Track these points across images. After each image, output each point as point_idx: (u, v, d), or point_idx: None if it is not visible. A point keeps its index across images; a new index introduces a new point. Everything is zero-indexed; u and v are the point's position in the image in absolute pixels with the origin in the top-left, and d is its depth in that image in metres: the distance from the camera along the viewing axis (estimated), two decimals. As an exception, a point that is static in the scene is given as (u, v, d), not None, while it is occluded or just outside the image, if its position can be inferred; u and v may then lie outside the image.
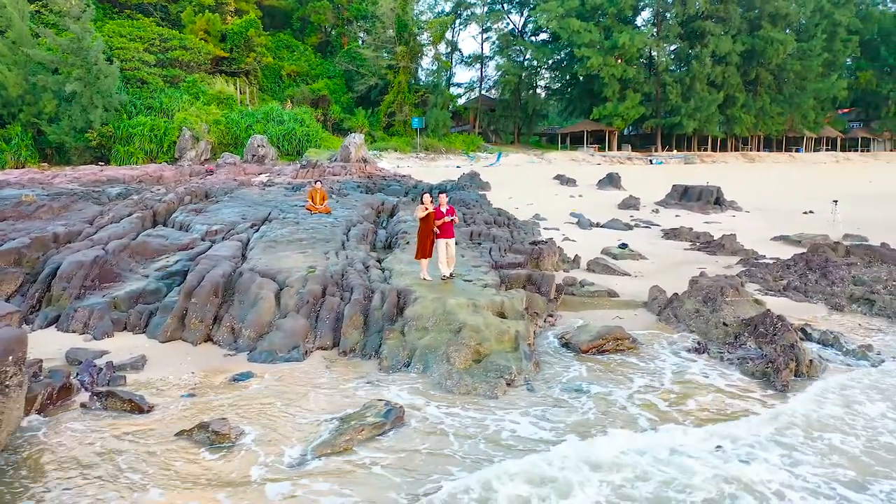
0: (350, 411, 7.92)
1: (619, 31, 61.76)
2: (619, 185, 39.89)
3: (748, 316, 11.12)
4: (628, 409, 8.18)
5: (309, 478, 6.45)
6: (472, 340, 9.46)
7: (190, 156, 41.53)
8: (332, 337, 10.43)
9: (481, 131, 67.66)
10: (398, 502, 6.08)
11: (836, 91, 75.77)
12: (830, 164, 72.22)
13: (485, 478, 6.38)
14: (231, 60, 58.29)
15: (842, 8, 77.02)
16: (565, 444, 7.17)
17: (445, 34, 62.26)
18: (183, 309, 10.75)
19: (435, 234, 12.19)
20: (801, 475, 6.56)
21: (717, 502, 6.03)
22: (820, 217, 29.42)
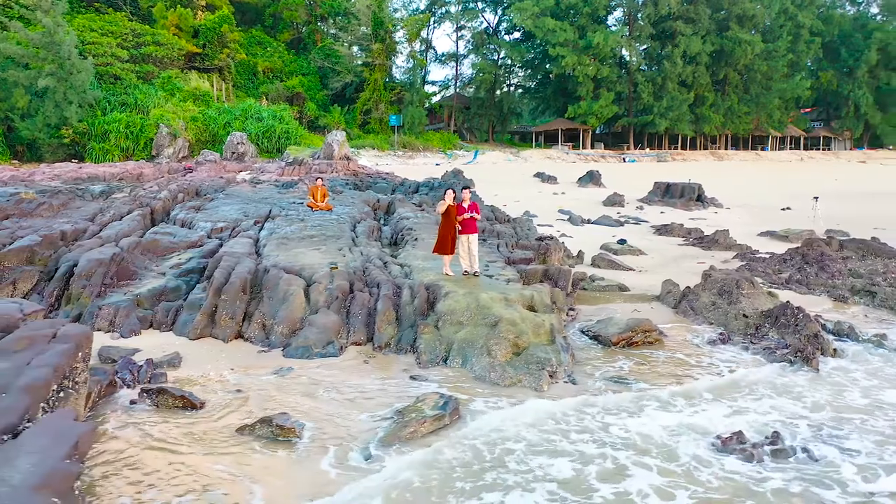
0: (404, 405, 8.00)
1: (592, 30, 62.53)
2: (599, 182, 40.45)
3: (765, 308, 11.49)
4: (673, 401, 8.42)
5: (384, 469, 6.53)
6: (510, 334, 9.61)
7: (167, 153, 40.86)
8: (366, 332, 10.47)
9: (456, 129, 67.85)
10: (482, 492, 6.19)
11: (800, 91, 77.89)
12: (795, 162, 74.20)
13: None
14: (204, 56, 57.42)
15: (805, 10, 79.23)
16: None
17: (421, 32, 62.24)
18: (212, 306, 10.68)
19: (457, 230, 12.30)
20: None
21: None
22: (797, 213, 30.31)
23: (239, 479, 6.32)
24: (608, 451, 6.97)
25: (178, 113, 43.12)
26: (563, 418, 7.76)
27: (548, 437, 7.29)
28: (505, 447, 7.05)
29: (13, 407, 5.20)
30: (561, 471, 6.53)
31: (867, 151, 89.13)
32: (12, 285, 11.58)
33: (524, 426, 7.57)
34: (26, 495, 4.04)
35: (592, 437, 7.27)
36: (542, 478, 6.40)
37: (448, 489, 6.19)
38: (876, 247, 16.63)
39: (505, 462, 6.73)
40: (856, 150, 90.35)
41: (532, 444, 7.11)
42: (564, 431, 7.44)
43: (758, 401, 8.38)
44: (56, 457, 4.48)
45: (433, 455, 6.84)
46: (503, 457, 6.83)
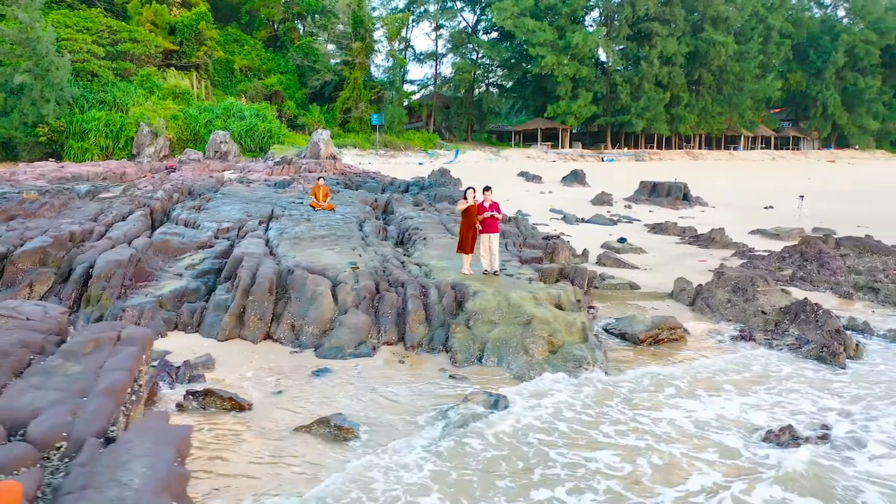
0: (453, 403, 8.05)
1: (571, 31, 63.05)
2: (584, 181, 40.87)
3: (782, 305, 11.78)
4: (711, 395, 8.60)
5: (454, 466, 6.58)
6: (545, 332, 9.72)
7: (148, 152, 40.24)
8: (397, 332, 10.50)
9: (436, 128, 67.90)
10: (539, 486, 6.28)
11: (772, 92, 79.51)
12: (767, 161, 75.74)
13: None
14: (181, 54, 56.64)
15: (775, 12, 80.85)
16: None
17: (401, 31, 62.16)
18: (240, 307, 10.60)
19: (477, 230, 12.37)
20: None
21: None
22: (780, 212, 30.99)
23: (309, 477, 6.33)
24: (663, 446, 7.10)
25: (158, 111, 42.47)
26: (609, 413, 7.88)
27: (598, 431, 7.41)
28: (554, 442, 7.14)
29: (101, 411, 5.15)
30: (614, 467, 6.64)
31: (834, 151, 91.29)
32: (29, 287, 11.36)
33: (572, 420, 7.67)
34: (151, 500, 4.02)
35: (645, 432, 7.41)
36: (599, 472, 6.51)
37: (509, 481, 6.27)
38: (871, 244, 17.12)
39: (556, 457, 6.82)
40: (823, 150, 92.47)
41: (583, 438, 7.22)
42: (615, 426, 7.56)
43: (792, 395, 8.60)
44: (167, 460, 4.45)
45: (492, 451, 6.90)
46: (553, 451, 6.92)
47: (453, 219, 19.74)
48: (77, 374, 5.70)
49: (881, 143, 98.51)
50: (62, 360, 5.91)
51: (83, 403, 5.27)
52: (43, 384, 5.52)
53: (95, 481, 4.14)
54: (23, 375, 5.71)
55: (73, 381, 5.59)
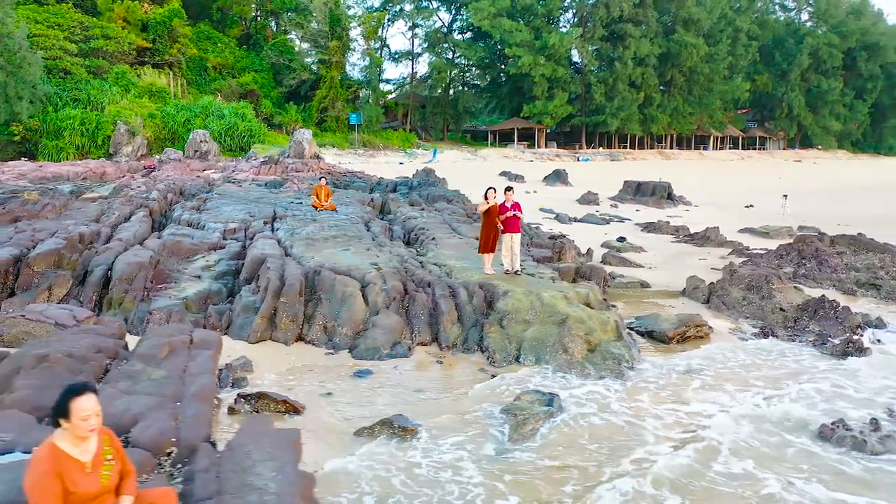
0: (507, 403, 8.11)
1: (547, 31, 63.54)
2: (566, 181, 41.25)
3: (797, 302, 12.10)
4: (749, 390, 8.82)
5: (528, 464, 6.65)
6: (581, 331, 9.84)
7: (126, 151, 39.44)
8: (430, 332, 10.52)
9: (412, 128, 67.82)
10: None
11: (740, 93, 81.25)
12: (736, 161, 77.30)
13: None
14: (154, 51, 55.59)
15: (742, 15, 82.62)
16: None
17: (378, 30, 61.97)
18: (271, 309, 10.51)
19: (498, 230, 12.45)
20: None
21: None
22: (761, 210, 31.72)
23: (385, 477, 6.34)
24: (719, 445, 7.26)
25: (134, 109, 41.65)
26: (658, 411, 8.03)
27: (650, 427, 7.55)
28: (608, 437, 7.27)
29: (202, 416, 5.11)
30: (672, 465, 6.77)
31: (799, 151, 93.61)
32: (48, 291, 11.10)
33: (625, 417, 7.80)
34: (292, 502, 4.01)
35: (701, 427, 7.57)
36: (668, 467, 6.65)
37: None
38: (866, 242, 17.64)
39: (619, 453, 6.94)
40: (789, 150, 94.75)
41: (644, 433, 7.36)
42: (666, 424, 7.70)
43: (825, 388, 8.86)
44: (292, 463, 4.43)
45: (561, 447, 7.00)
46: (611, 447, 7.04)
47: (456, 219, 19.82)
48: (163, 379, 5.63)
49: (842, 143, 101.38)
50: (143, 365, 5.82)
51: (180, 408, 5.21)
52: (132, 389, 5.44)
53: (229, 487, 4.11)
54: (107, 380, 5.62)
55: (162, 385, 5.52)
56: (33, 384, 5.45)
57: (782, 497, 6.08)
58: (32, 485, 3.25)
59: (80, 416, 3.36)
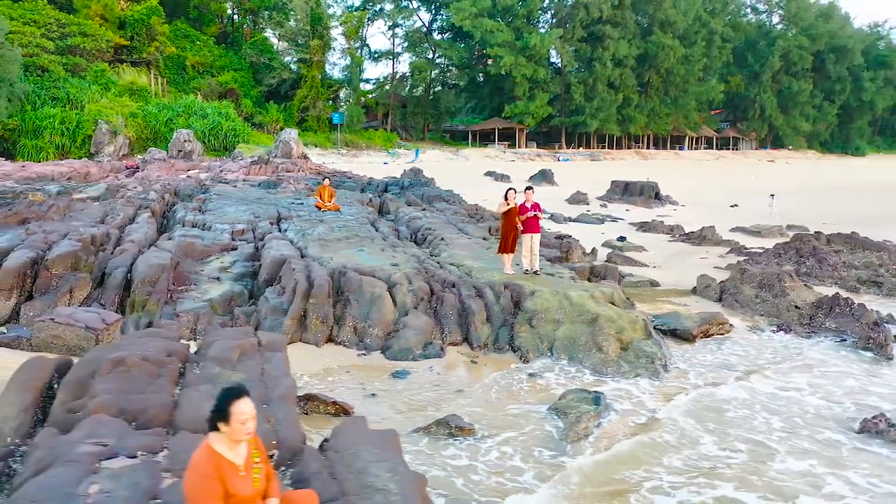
0: (553, 402, 8.21)
1: (528, 32, 63.93)
2: (552, 181, 41.57)
3: (809, 299, 12.40)
4: (784, 384, 9.05)
5: (595, 460, 6.77)
6: (612, 329, 9.99)
7: (108, 151, 38.77)
8: (460, 332, 10.58)
9: (392, 127, 67.71)
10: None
11: (715, 94, 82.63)
12: (712, 161, 78.53)
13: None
14: (132, 49, 54.70)
15: (717, 17, 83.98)
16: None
17: (359, 29, 61.74)
18: (301, 310, 10.48)
19: (518, 230, 12.55)
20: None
21: None
22: (746, 210, 32.31)
23: (446, 478, 6.39)
24: (761, 437, 7.45)
25: (115, 108, 40.95)
26: (701, 409, 8.20)
27: (698, 425, 7.71)
28: (658, 435, 7.41)
29: (293, 418, 5.12)
30: (730, 463, 6.94)
31: (770, 151, 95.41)
32: (69, 293, 10.91)
33: (672, 414, 7.96)
34: (415, 502, 4.05)
35: (743, 421, 7.75)
36: (727, 463, 6.82)
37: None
38: (862, 240, 18.11)
39: (671, 452, 7.09)
40: (760, 150, 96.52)
41: (689, 433, 7.52)
42: (712, 420, 7.88)
43: (853, 384, 9.12)
44: (402, 462, 4.47)
45: (618, 448, 7.12)
46: (664, 445, 7.19)
47: (459, 219, 19.88)
48: (244, 382, 5.60)
49: (812, 143, 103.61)
50: (219, 368, 5.80)
51: (270, 411, 5.21)
52: (215, 392, 5.42)
53: (350, 488, 4.14)
54: (186, 384, 5.59)
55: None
56: (114, 388, 5.40)
57: (844, 493, 6.27)
58: (195, 487, 3.25)
59: (239, 419, 3.37)
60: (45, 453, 4.53)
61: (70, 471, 4.22)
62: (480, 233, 17.72)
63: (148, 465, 4.34)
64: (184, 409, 5.17)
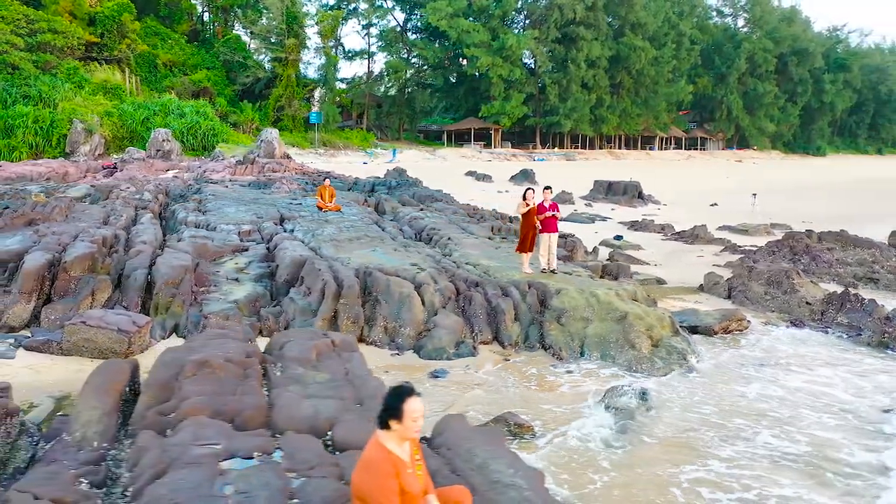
0: (601, 398, 8.34)
1: (503, 32, 64.33)
2: (534, 180, 41.80)
3: (818, 296, 12.78)
4: (811, 376, 9.34)
5: (653, 454, 6.91)
6: (642, 326, 10.18)
7: (83, 150, 37.94)
8: (491, 331, 10.67)
9: (368, 127, 67.48)
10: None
11: (684, 95, 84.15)
12: (682, 160, 79.97)
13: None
14: (102, 47, 53.57)
15: (685, 19, 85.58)
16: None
17: (335, 28, 61.39)
18: (332, 311, 10.46)
19: (536, 229, 12.68)
20: None
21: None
22: (726, 209, 32.99)
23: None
24: (812, 430, 7.70)
25: (90, 107, 40.09)
26: (746, 403, 8.43)
27: (748, 419, 7.93)
28: (710, 429, 7.61)
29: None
30: (790, 454, 7.16)
31: (737, 151, 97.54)
32: (91, 296, 10.72)
33: (719, 408, 8.17)
34: (544, 499, 4.13)
35: (795, 418, 8.00)
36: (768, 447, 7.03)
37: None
38: (853, 238, 18.68)
39: (731, 443, 7.29)
40: (727, 150, 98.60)
41: (739, 426, 7.74)
42: (760, 414, 8.10)
43: (874, 374, 9.45)
44: (516, 457, 4.54)
45: (674, 440, 7.29)
46: (720, 437, 7.39)
47: (460, 219, 19.96)
48: (330, 382, 5.63)
49: (776, 143, 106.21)
50: (302, 369, 5.79)
51: (366, 410, 5.24)
52: (308, 393, 5.43)
53: (479, 484, 4.20)
54: (275, 385, 5.57)
55: (334, 388, 5.53)
56: (205, 390, 5.37)
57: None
58: (376, 486, 3.27)
59: (412, 416, 3.41)
60: (157, 456, 4.50)
61: (195, 473, 4.20)
62: (484, 232, 17.82)
63: (271, 465, 4.34)
64: (280, 409, 5.17)
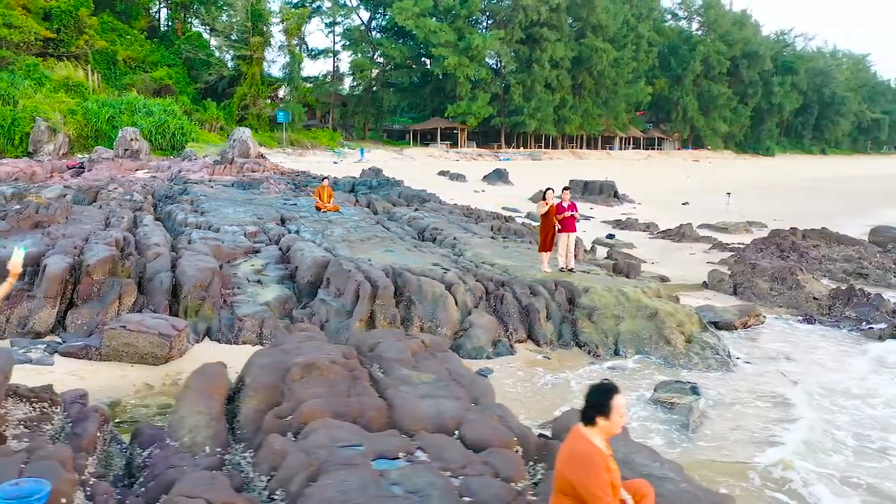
0: (655, 394, 8.57)
1: (469, 32, 64.63)
2: (507, 180, 42.22)
3: (822, 291, 13.32)
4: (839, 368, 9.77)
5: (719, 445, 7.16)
6: (674, 323, 10.47)
7: (48, 150, 36.69)
8: (525, 330, 10.82)
9: (333, 126, 66.95)
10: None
11: (643, 96, 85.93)
12: (642, 160, 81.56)
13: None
14: (59, 42, 51.86)
15: (643, 22, 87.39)
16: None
17: (301, 26, 60.68)
18: (368, 311, 10.46)
19: (556, 229, 12.90)
20: None
21: None
22: (698, 208, 33.87)
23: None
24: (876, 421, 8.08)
25: (52, 105, 38.79)
26: (795, 395, 8.78)
27: (804, 410, 8.27)
28: (766, 421, 7.92)
29: (511, 415, 5.26)
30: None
31: (692, 151, 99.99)
32: (118, 300, 10.48)
33: (771, 400, 8.49)
34: (700, 488, 4.29)
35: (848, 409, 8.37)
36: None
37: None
38: (837, 235, 19.46)
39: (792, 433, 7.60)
40: (683, 150, 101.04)
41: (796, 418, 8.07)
42: (813, 405, 8.46)
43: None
44: (653, 450, 4.69)
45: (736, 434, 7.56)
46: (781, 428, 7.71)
47: (457, 218, 20.07)
48: (437, 382, 5.69)
49: (728, 143, 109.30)
50: (406, 370, 5.84)
51: (487, 410, 5.32)
52: (419, 393, 5.49)
53: (630, 477, 4.33)
54: (384, 386, 5.60)
55: (444, 388, 5.59)
56: (318, 392, 5.36)
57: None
58: (593, 481, 3.36)
59: (619, 412, 3.52)
60: (301, 459, 4.50)
61: (355, 474, 4.22)
62: (485, 232, 17.98)
63: (425, 465, 4.39)
64: (402, 410, 5.21)
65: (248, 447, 5.27)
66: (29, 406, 5.75)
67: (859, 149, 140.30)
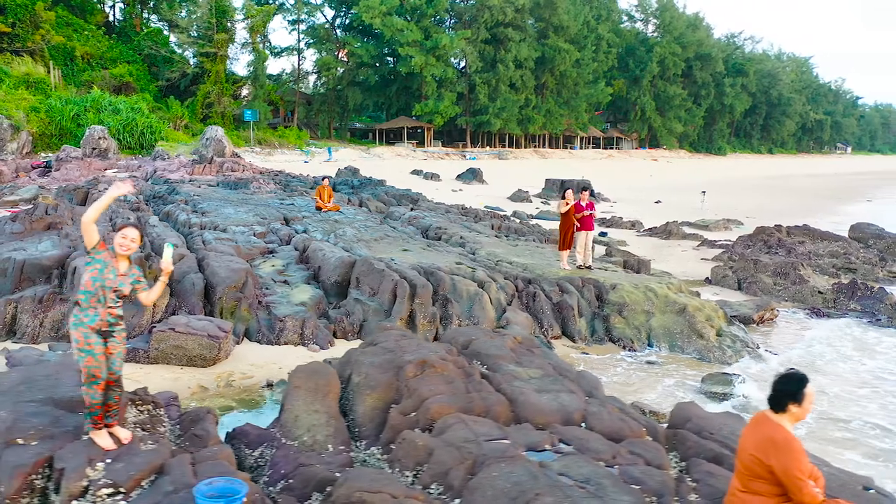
0: (700, 385, 8.90)
1: (435, 32, 64.74)
2: (482, 179, 42.52)
3: (824, 285, 13.93)
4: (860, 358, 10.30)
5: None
6: (702, 317, 10.85)
7: (11, 148, 35.39)
8: (559, 326, 11.05)
9: (298, 125, 66.23)
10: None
11: (603, 97, 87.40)
12: (604, 160, 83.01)
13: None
14: (13, 37, 50.08)
15: (603, 23, 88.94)
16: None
17: (266, 24, 59.82)
18: (408, 311, 10.55)
19: (575, 227, 13.19)
20: None
21: None
22: (670, 206, 34.80)
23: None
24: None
25: (13, 102, 37.46)
26: (840, 388, 9.22)
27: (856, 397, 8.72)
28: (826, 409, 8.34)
29: (626, 406, 5.47)
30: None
31: (650, 151, 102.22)
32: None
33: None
34: (846, 474, 4.56)
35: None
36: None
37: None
38: (821, 232, 20.26)
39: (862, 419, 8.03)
40: (640, 150, 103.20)
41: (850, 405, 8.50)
42: (861, 394, 8.90)
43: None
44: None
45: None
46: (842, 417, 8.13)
47: (458, 217, 20.23)
48: (545, 377, 5.85)
49: (683, 143, 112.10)
50: (512, 366, 5.99)
51: (601, 402, 5.51)
52: (534, 387, 5.64)
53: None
54: (499, 382, 5.74)
55: (555, 382, 5.76)
56: (439, 389, 5.46)
57: None
58: (796, 466, 3.53)
59: (811, 400, 3.73)
60: (452, 454, 4.61)
61: (518, 465, 4.35)
62: (487, 230, 18.19)
63: (581, 456, 4.55)
64: (525, 404, 5.36)
65: (371, 444, 5.35)
66: (135, 409, 5.72)
67: (803, 148, 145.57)
